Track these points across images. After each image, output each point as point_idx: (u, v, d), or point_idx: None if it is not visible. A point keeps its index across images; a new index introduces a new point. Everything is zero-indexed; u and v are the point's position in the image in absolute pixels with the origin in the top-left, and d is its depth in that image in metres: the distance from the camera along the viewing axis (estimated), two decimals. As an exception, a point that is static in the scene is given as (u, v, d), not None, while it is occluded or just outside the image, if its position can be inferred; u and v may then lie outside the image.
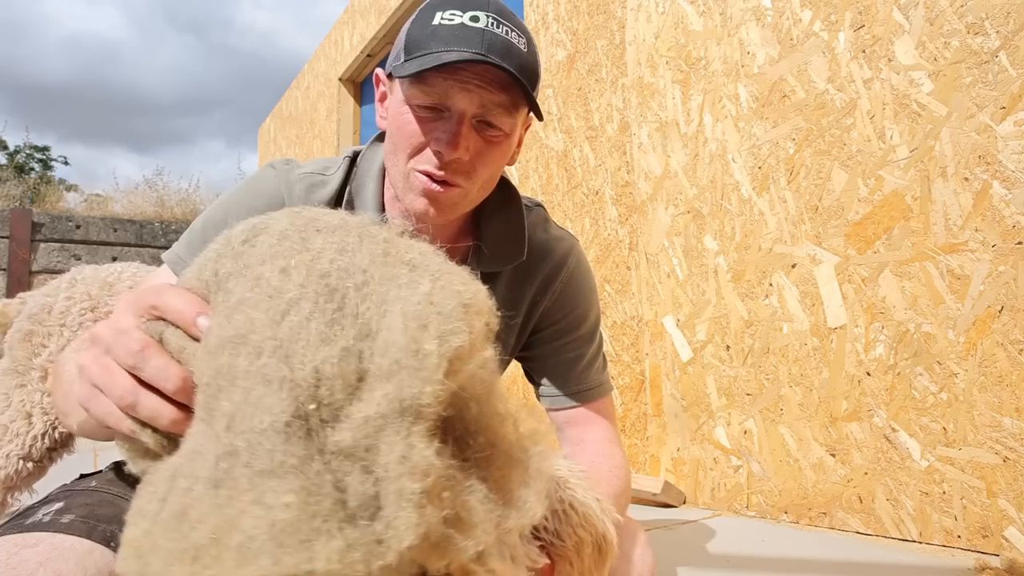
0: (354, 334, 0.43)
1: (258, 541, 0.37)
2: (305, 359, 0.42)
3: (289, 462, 0.40)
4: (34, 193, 11.77)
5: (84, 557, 0.65)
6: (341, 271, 0.46)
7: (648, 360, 2.51)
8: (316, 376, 0.41)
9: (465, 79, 0.89)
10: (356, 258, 0.47)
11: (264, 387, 0.41)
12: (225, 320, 0.45)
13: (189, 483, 0.41)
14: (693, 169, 2.37)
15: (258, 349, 0.43)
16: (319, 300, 0.44)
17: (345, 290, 0.45)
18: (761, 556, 1.64)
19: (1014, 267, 1.52)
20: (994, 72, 1.57)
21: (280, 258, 0.47)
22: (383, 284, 0.45)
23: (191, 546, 0.38)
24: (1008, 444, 1.51)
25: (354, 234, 0.50)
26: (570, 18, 3.11)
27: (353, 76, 6.14)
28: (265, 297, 0.45)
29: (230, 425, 0.41)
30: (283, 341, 0.43)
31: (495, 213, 1.10)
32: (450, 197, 0.95)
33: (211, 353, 0.45)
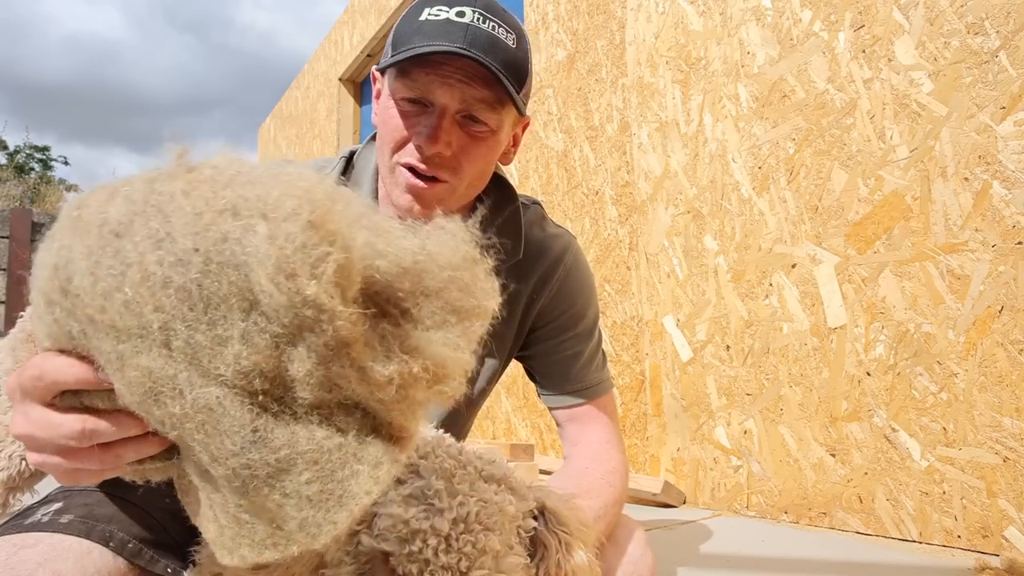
0: (240, 318, 0.43)
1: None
2: (226, 371, 0.44)
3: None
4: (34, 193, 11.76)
5: (83, 557, 0.65)
6: (176, 270, 0.44)
7: (648, 360, 2.51)
8: (248, 375, 0.44)
9: (447, 74, 0.89)
10: (178, 244, 0.45)
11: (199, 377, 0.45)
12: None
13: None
14: (693, 169, 2.37)
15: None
16: (187, 318, 0.44)
17: (194, 287, 0.43)
18: (761, 556, 1.63)
19: (1014, 267, 1.51)
20: (994, 72, 1.56)
21: (123, 295, 0.45)
22: (221, 251, 0.44)
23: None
24: (1008, 444, 1.51)
25: (156, 217, 0.46)
26: (570, 18, 3.11)
27: (353, 76, 6.14)
28: (137, 336, 0.45)
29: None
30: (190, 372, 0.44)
31: (492, 211, 1.10)
32: (435, 193, 0.94)
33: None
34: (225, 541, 0.48)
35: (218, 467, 0.45)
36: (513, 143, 1.05)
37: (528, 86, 0.98)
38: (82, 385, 0.48)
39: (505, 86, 0.89)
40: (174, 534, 0.76)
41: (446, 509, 0.57)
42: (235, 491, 0.46)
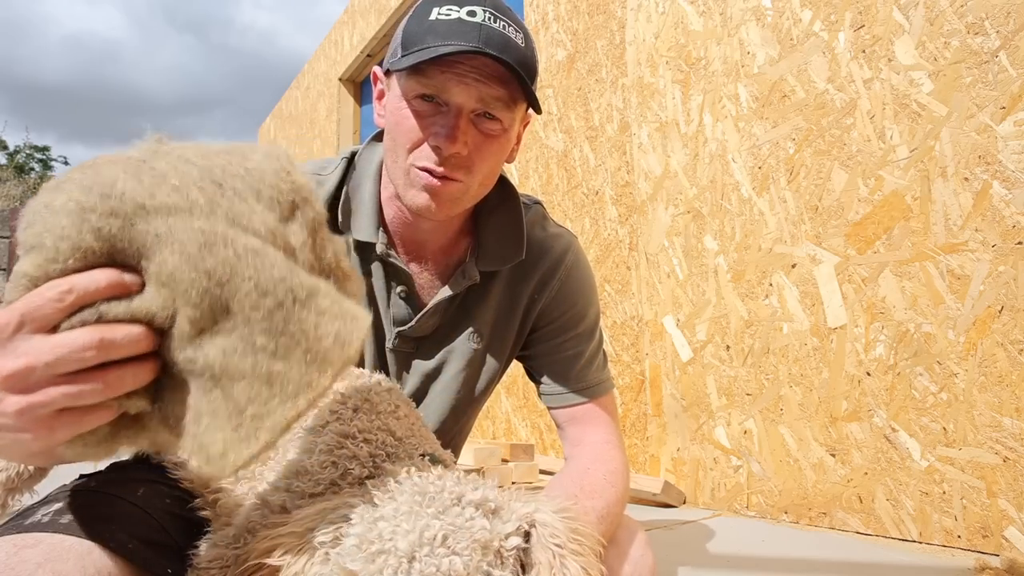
0: (256, 201, 0.60)
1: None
2: (260, 228, 0.59)
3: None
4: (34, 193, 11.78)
5: (83, 557, 0.65)
6: (204, 176, 0.59)
7: (648, 360, 2.51)
8: (273, 233, 0.60)
9: (463, 72, 0.89)
10: (198, 163, 0.59)
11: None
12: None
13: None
14: (693, 169, 2.37)
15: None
16: (223, 195, 0.58)
17: (221, 182, 0.59)
18: (761, 556, 1.63)
19: (1014, 267, 1.52)
20: (994, 72, 1.56)
21: (171, 184, 0.58)
22: (229, 168, 0.60)
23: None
24: (1008, 444, 1.51)
25: (172, 153, 0.59)
26: (570, 18, 3.11)
27: (353, 76, 6.14)
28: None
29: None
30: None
31: (494, 211, 1.10)
32: (451, 192, 0.94)
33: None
34: (243, 431, 0.54)
35: (266, 299, 0.55)
36: (517, 141, 1.05)
37: (536, 84, 0.99)
38: (114, 289, 0.53)
39: (521, 84, 0.89)
40: (174, 535, 0.76)
41: (410, 531, 0.58)
42: (272, 330, 0.55)
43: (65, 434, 0.53)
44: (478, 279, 1.08)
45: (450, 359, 1.12)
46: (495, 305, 1.12)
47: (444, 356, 1.12)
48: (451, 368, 1.12)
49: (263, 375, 0.54)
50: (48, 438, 0.53)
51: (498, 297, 1.12)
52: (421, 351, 1.12)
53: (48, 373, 0.50)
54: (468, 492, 0.63)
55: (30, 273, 0.53)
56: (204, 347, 0.54)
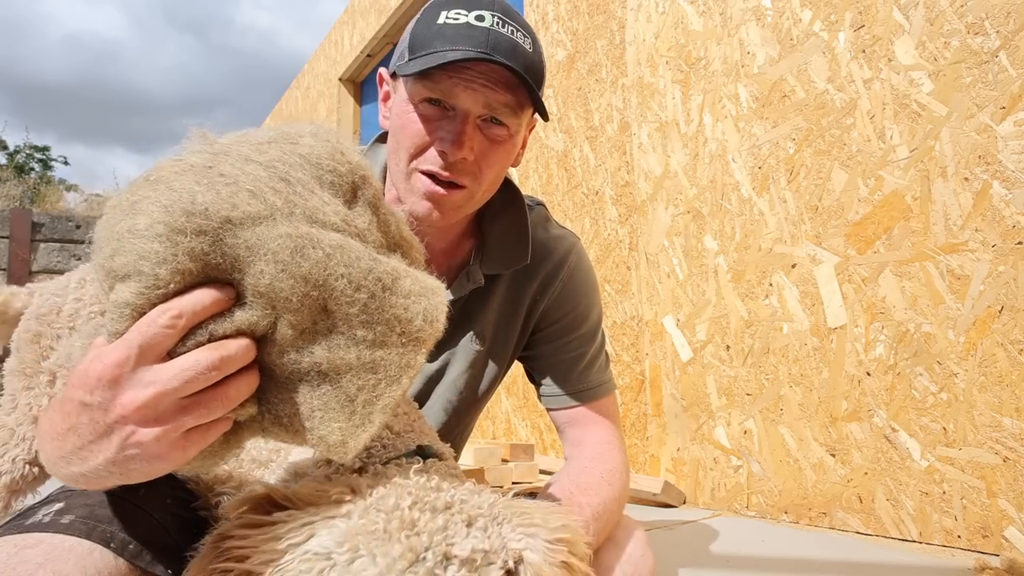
0: (320, 188, 0.64)
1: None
2: (336, 219, 0.62)
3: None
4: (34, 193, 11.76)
5: (84, 557, 0.65)
6: (269, 170, 0.61)
7: (648, 360, 2.51)
8: (347, 221, 0.63)
9: (470, 78, 0.89)
10: (258, 159, 0.61)
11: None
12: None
13: None
14: (693, 169, 2.37)
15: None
16: (295, 192, 0.60)
17: (287, 176, 0.61)
18: (761, 556, 1.63)
19: (1014, 267, 1.52)
20: (994, 72, 1.56)
21: (247, 190, 0.60)
22: (287, 156, 0.62)
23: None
24: (1008, 444, 1.51)
25: (231, 153, 0.61)
26: (570, 18, 3.11)
27: (353, 76, 6.13)
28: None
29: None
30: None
31: (499, 215, 1.10)
32: (454, 200, 0.94)
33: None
34: (357, 419, 0.57)
35: (360, 293, 0.57)
36: (522, 145, 1.05)
37: (543, 90, 0.99)
38: (219, 305, 0.55)
39: (528, 90, 0.89)
40: (175, 535, 0.76)
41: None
42: (369, 321, 0.57)
43: (194, 451, 0.56)
44: (482, 282, 1.08)
45: (452, 361, 1.12)
46: (497, 307, 1.12)
47: (447, 358, 1.12)
48: (454, 370, 1.12)
49: (367, 363, 0.57)
50: (180, 458, 0.55)
51: (500, 299, 1.12)
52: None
53: (176, 398, 0.53)
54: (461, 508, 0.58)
55: (133, 303, 0.54)
56: (308, 347, 0.57)
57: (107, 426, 0.53)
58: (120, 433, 0.53)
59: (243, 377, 0.56)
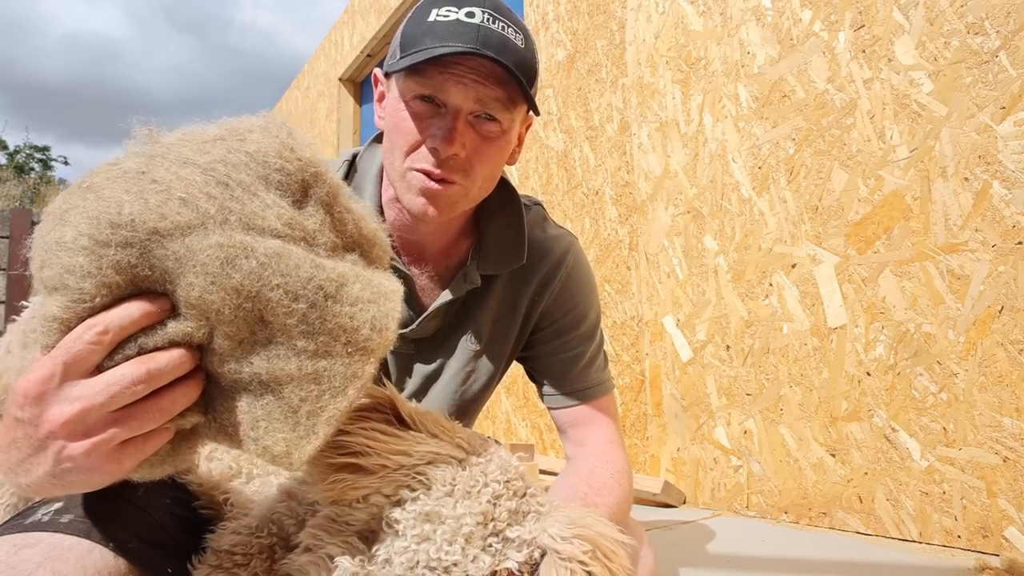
0: (265, 190, 0.61)
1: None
2: (276, 224, 0.60)
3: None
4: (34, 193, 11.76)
5: (83, 557, 0.65)
6: (208, 174, 0.57)
7: (648, 360, 2.51)
8: (290, 225, 0.60)
9: (460, 73, 0.89)
10: (198, 160, 0.58)
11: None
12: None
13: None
14: (693, 169, 2.37)
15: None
16: (233, 197, 0.58)
17: (227, 180, 0.58)
18: (761, 556, 1.63)
19: (1014, 267, 1.51)
20: (994, 72, 1.56)
21: (178, 198, 0.58)
22: (232, 156, 0.60)
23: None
24: (1008, 444, 1.51)
25: (169, 155, 0.58)
26: (570, 18, 3.11)
27: (353, 76, 6.13)
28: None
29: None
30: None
31: (495, 214, 1.10)
32: (449, 195, 0.94)
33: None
34: (301, 430, 0.55)
35: (299, 303, 0.54)
36: (518, 143, 1.04)
37: (536, 85, 0.98)
38: (148, 318, 0.53)
39: (519, 85, 0.89)
40: (174, 534, 0.76)
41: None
42: (310, 331, 0.55)
43: (132, 463, 0.55)
44: (479, 283, 1.08)
45: (450, 361, 1.12)
46: (495, 307, 1.11)
47: (444, 358, 1.12)
48: (451, 369, 1.12)
49: (309, 374, 0.55)
50: (117, 470, 0.55)
51: (498, 299, 1.12)
52: (421, 353, 1.12)
53: (103, 412, 0.52)
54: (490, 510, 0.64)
55: (60, 316, 0.53)
56: (247, 358, 0.55)
57: (40, 441, 0.53)
58: (52, 448, 0.53)
59: (179, 388, 0.55)
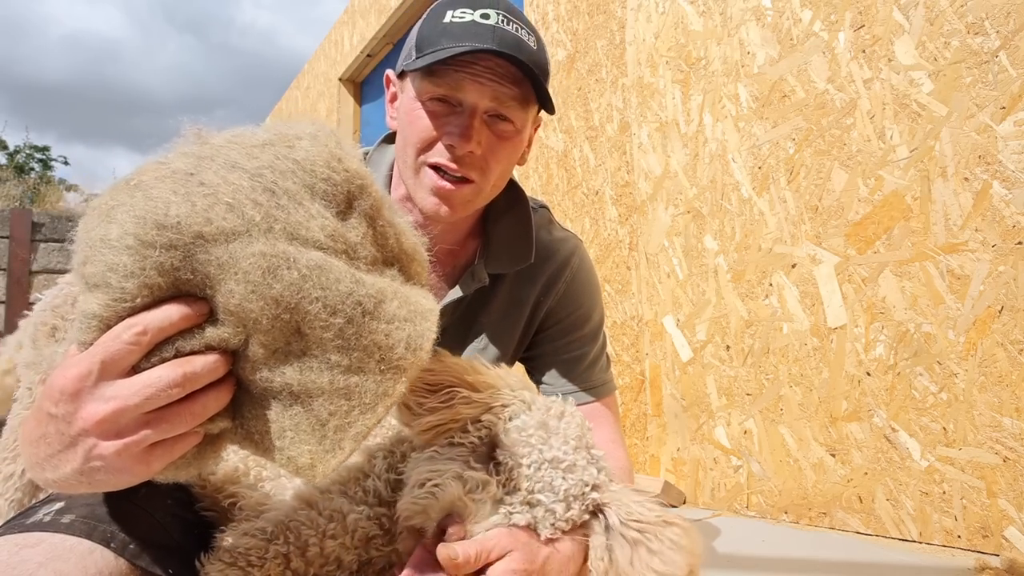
0: (311, 200, 0.60)
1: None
2: (320, 236, 0.59)
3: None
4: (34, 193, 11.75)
5: (84, 557, 0.65)
6: (256, 180, 0.57)
7: (648, 360, 2.51)
8: (334, 237, 0.59)
9: (477, 72, 0.90)
10: (247, 165, 0.57)
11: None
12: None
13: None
14: (693, 169, 2.37)
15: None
16: (279, 205, 0.57)
17: (273, 187, 0.58)
18: (761, 556, 1.63)
19: (1014, 267, 1.52)
20: (994, 72, 1.57)
21: (225, 203, 0.57)
22: (279, 162, 0.59)
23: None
24: (1008, 444, 1.51)
25: (218, 157, 0.57)
26: (570, 18, 3.11)
27: (353, 76, 6.13)
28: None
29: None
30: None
31: (503, 214, 1.10)
32: (463, 195, 0.95)
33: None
34: (327, 443, 0.55)
35: (336, 318, 0.54)
36: (528, 144, 1.05)
37: (548, 86, 0.99)
38: (187, 321, 0.53)
39: (535, 83, 0.90)
40: (175, 535, 0.76)
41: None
42: (345, 346, 0.55)
43: (160, 465, 0.56)
44: (487, 282, 1.08)
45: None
46: (501, 306, 1.12)
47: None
48: None
49: (341, 389, 0.55)
50: (145, 472, 0.55)
51: (504, 298, 1.12)
52: None
53: (137, 413, 0.52)
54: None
55: (100, 314, 0.53)
56: (280, 368, 0.55)
57: (71, 438, 0.53)
58: (83, 445, 0.53)
59: (211, 393, 0.55)
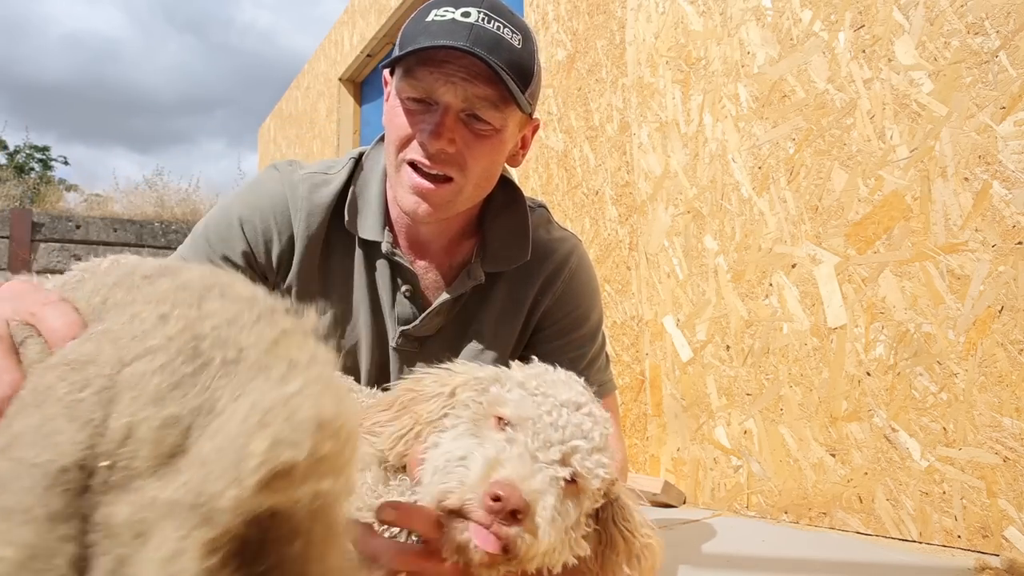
0: (193, 406, 0.39)
1: None
2: (126, 410, 0.38)
3: (36, 512, 0.35)
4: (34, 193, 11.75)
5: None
6: (218, 340, 0.41)
7: (648, 360, 2.51)
8: (127, 432, 0.38)
9: (450, 72, 0.91)
10: (242, 335, 0.42)
11: (66, 422, 0.38)
12: (78, 343, 0.43)
13: None
14: (693, 169, 2.37)
15: (86, 381, 0.39)
16: (178, 358, 0.40)
17: (211, 359, 0.41)
18: (761, 556, 1.63)
19: (1014, 267, 1.51)
20: (994, 72, 1.56)
21: (166, 304, 0.43)
22: (253, 370, 0.41)
23: None
24: (1008, 444, 1.51)
25: (255, 312, 0.44)
26: (570, 18, 3.11)
27: (353, 76, 6.13)
28: (128, 336, 0.41)
29: (9, 445, 0.38)
30: (116, 383, 0.39)
31: (500, 213, 1.10)
32: (442, 195, 0.95)
33: (43, 368, 0.42)
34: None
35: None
36: (522, 145, 1.05)
37: (535, 86, 0.99)
38: (50, 335, 0.47)
39: (507, 84, 0.90)
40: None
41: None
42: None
43: None
44: (483, 280, 1.08)
45: (453, 359, 1.13)
46: (499, 306, 1.12)
47: (447, 356, 1.13)
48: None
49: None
50: None
51: (502, 298, 1.12)
52: (425, 351, 1.12)
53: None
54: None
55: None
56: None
57: None
58: None
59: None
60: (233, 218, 1.01)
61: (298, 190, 1.04)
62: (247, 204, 1.03)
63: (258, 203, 1.02)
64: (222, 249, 1.00)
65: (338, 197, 1.06)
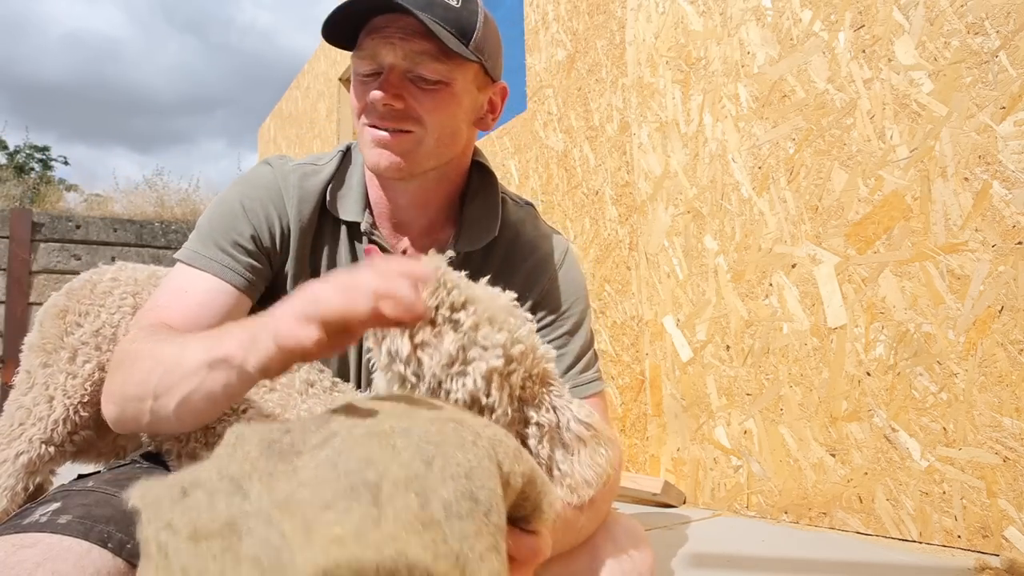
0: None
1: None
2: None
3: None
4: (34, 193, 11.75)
5: (82, 557, 0.65)
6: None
7: (648, 360, 2.51)
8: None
9: (388, 34, 0.95)
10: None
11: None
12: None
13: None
14: (693, 169, 2.37)
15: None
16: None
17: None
18: (761, 556, 1.63)
19: (1014, 267, 1.51)
20: (994, 72, 1.56)
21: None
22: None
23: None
24: (1008, 444, 1.51)
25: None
26: (570, 18, 3.11)
27: (353, 76, 6.13)
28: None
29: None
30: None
31: (475, 197, 1.13)
32: (402, 143, 0.98)
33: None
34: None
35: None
36: (490, 108, 1.08)
37: (481, 41, 1.00)
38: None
39: (438, 35, 0.92)
40: (173, 534, 0.76)
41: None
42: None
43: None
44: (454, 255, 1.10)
45: None
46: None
47: None
48: None
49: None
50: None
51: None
52: None
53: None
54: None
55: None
56: None
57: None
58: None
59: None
60: (235, 205, 1.04)
61: (289, 179, 1.06)
62: (245, 193, 1.05)
63: (255, 192, 1.05)
64: (232, 236, 1.01)
65: (327, 185, 1.08)
